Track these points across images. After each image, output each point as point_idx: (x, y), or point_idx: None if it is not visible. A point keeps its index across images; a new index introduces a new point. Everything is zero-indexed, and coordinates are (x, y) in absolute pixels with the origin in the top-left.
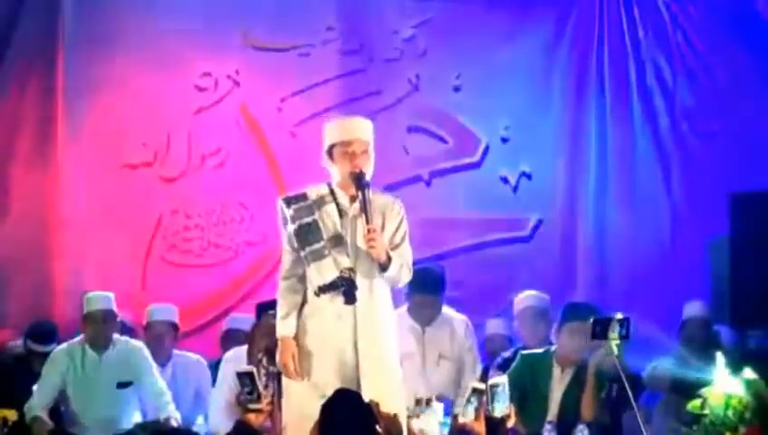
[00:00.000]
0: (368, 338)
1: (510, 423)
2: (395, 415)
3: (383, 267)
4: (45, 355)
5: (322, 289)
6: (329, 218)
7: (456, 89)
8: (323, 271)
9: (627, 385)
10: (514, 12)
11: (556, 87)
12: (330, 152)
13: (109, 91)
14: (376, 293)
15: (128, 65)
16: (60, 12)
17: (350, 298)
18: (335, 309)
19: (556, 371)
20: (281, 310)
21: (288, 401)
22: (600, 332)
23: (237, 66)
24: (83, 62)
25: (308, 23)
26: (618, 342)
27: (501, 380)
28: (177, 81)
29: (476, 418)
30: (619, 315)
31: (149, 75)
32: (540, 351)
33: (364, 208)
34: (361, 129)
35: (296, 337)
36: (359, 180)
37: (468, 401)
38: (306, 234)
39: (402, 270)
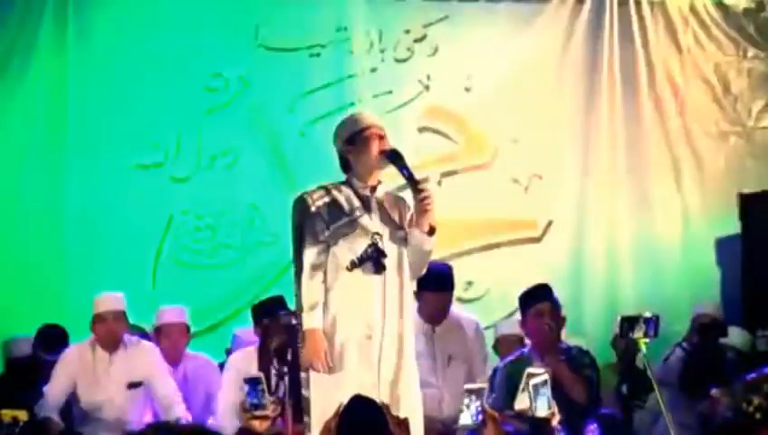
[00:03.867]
0: (394, 325)
1: (554, 422)
2: (405, 419)
3: (431, 232)
4: (54, 364)
5: (354, 263)
6: (348, 197)
7: (468, 89)
8: (354, 244)
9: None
10: (525, 12)
11: (567, 87)
12: (351, 142)
13: (119, 91)
14: (404, 282)
15: (138, 65)
16: (69, 10)
17: (380, 267)
18: (363, 287)
19: (537, 366)
20: (308, 301)
21: (316, 395)
22: (628, 330)
23: (248, 67)
24: (93, 62)
25: (318, 23)
26: (646, 341)
27: (543, 378)
28: (187, 81)
29: (484, 422)
30: (648, 314)
31: (160, 75)
32: (515, 357)
33: (410, 175)
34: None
35: (325, 325)
36: (395, 154)
37: (466, 405)
38: (328, 212)
39: (432, 250)
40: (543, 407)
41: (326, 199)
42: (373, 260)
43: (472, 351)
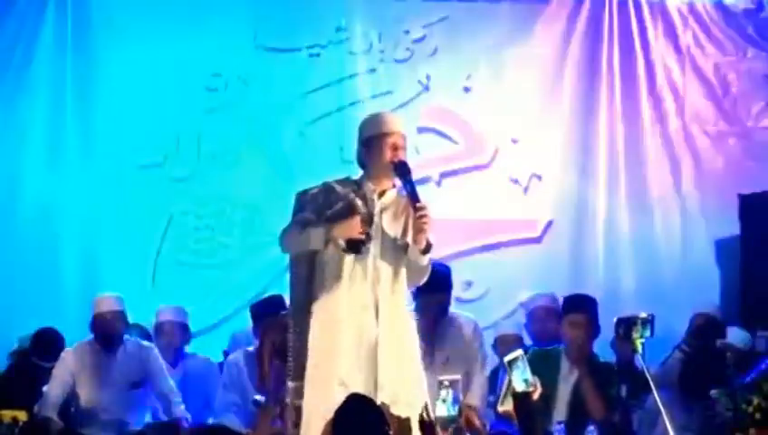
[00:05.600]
0: (388, 330)
1: (535, 397)
2: (407, 418)
3: (426, 250)
4: (50, 371)
5: (350, 246)
6: (342, 184)
7: (467, 89)
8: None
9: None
10: (525, 13)
11: (566, 88)
12: (367, 144)
13: (119, 92)
14: (398, 288)
15: (138, 66)
16: (68, 13)
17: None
18: (358, 299)
19: (564, 368)
20: (300, 226)
21: (311, 393)
22: (625, 331)
23: (248, 67)
24: (93, 63)
25: (318, 23)
26: (642, 341)
27: (517, 354)
28: (187, 81)
29: (460, 412)
30: (644, 314)
31: (160, 75)
32: (550, 347)
33: (413, 191)
34: (402, 124)
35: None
36: (402, 167)
37: (440, 397)
38: (323, 198)
39: (429, 264)
40: (519, 381)
41: (321, 187)
42: (361, 243)
43: (470, 351)
